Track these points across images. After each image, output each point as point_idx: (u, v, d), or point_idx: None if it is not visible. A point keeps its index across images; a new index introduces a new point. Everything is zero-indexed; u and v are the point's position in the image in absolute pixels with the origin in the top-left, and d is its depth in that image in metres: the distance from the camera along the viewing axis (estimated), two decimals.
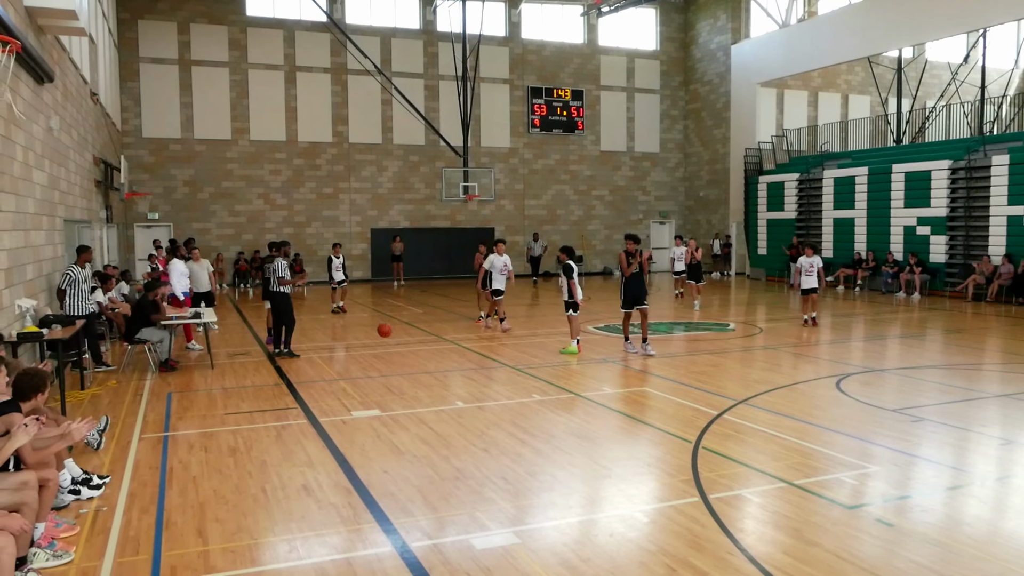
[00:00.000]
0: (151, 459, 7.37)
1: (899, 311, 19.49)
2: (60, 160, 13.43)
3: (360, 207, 30.34)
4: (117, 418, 8.87)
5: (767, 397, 9.76)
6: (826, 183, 27.05)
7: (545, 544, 5.36)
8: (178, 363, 12.20)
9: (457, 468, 6.99)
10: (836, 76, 34.20)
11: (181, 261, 14.89)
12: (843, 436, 7.99)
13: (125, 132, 26.92)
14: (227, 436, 8.17)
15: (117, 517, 5.88)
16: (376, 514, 5.90)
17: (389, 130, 30.46)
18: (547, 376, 11.27)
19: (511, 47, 32.10)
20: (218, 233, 28.21)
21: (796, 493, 6.27)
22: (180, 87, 27.69)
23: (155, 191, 27.38)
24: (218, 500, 6.22)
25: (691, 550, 5.20)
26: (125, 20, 26.71)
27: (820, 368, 11.83)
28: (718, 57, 32.88)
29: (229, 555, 5.20)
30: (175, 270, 14.60)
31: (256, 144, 28.78)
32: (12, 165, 9.78)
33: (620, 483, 6.64)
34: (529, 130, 32.55)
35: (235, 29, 28.25)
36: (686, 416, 8.85)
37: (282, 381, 11.11)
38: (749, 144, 30.82)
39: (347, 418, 8.90)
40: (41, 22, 11.72)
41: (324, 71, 29.45)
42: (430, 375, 11.49)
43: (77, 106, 15.81)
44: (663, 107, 35.03)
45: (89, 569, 5.00)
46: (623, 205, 34.57)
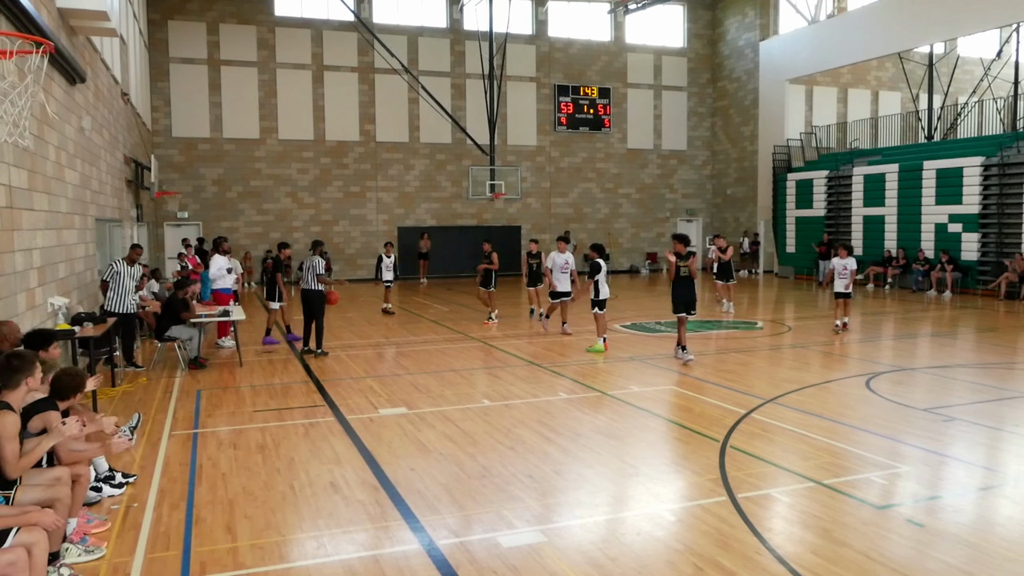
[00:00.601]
0: (181, 456, 7.46)
1: (930, 309, 19.20)
2: (92, 160, 13.62)
3: (387, 205, 30.47)
4: (147, 415, 8.98)
5: (796, 396, 9.66)
6: (856, 180, 26.70)
7: (572, 542, 5.35)
8: (207, 360, 12.33)
9: (483, 466, 7.00)
10: (866, 72, 33.74)
11: (223, 257, 14.88)
12: (873, 435, 7.88)
13: (155, 132, 27.26)
14: (256, 433, 8.25)
15: (148, 513, 5.95)
16: (403, 511, 5.92)
17: (416, 129, 30.56)
18: (573, 374, 11.24)
19: (538, 45, 32.06)
20: (246, 232, 28.49)
21: (825, 493, 6.20)
22: (209, 87, 27.99)
23: (184, 190, 27.72)
24: (247, 497, 6.28)
25: (719, 549, 5.16)
26: (155, 21, 27.05)
27: (849, 367, 11.69)
28: (746, 54, 32.59)
29: (258, 551, 5.25)
30: (215, 265, 14.61)
31: (284, 143, 29.01)
32: (45, 165, 9.94)
33: (647, 482, 6.60)
34: (556, 128, 32.49)
35: (263, 29, 28.50)
36: (714, 415, 8.78)
37: (310, 379, 11.19)
38: (778, 141, 30.52)
39: (374, 416, 8.95)
40: (73, 23, 11.89)
41: (351, 70, 29.61)
42: (456, 373, 11.52)
43: (108, 106, 16.03)
44: (690, 104, 34.80)
45: (120, 564, 5.07)
46: (650, 203, 34.40)
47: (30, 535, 4.29)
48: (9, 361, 5.22)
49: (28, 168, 9.01)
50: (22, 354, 5.36)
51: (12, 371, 5.16)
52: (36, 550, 4.24)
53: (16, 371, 5.16)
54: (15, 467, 4.81)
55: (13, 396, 5.14)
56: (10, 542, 4.22)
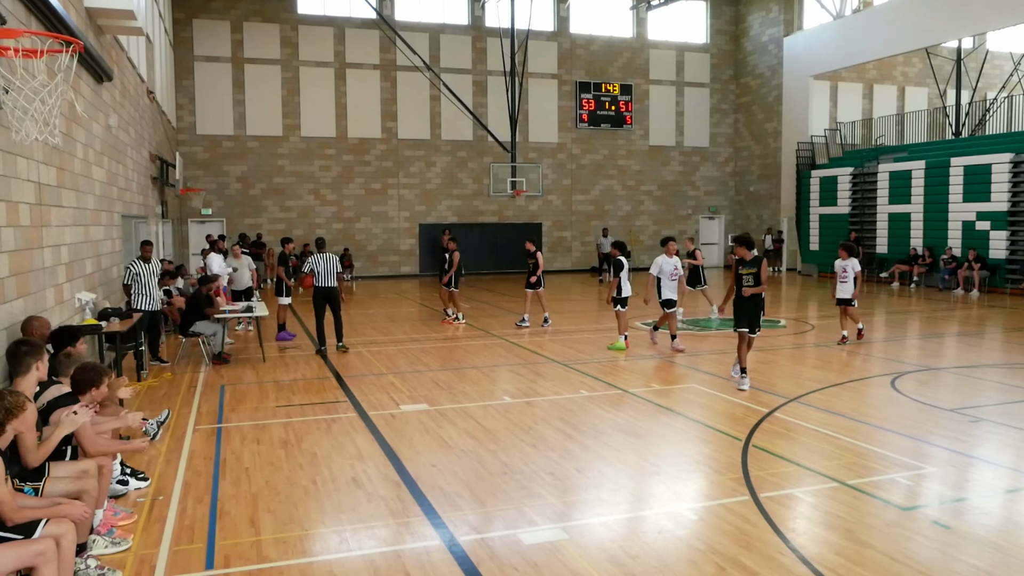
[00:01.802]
0: (205, 450, 7.54)
1: (957, 308, 18.95)
2: (118, 157, 13.78)
3: (408, 202, 30.57)
4: (173, 410, 9.08)
5: (819, 395, 9.58)
6: (881, 177, 26.41)
7: (593, 540, 5.35)
8: (231, 356, 12.44)
9: (504, 463, 7.01)
10: (892, 68, 33.35)
11: (219, 255, 15.26)
12: (898, 436, 7.80)
13: (180, 129, 27.52)
14: (278, 428, 8.31)
15: (173, 506, 6.02)
16: (424, 507, 5.94)
17: (437, 126, 30.62)
18: (595, 372, 11.22)
19: (559, 42, 31.99)
20: (269, 228, 28.68)
21: (849, 493, 6.14)
22: (233, 85, 28.21)
23: (208, 187, 27.97)
24: (270, 491, 6.34)
25: (741, 549, 5.13)
26: (180, 19, 27.30)
27: (874, 366, 11.57)
28: (770, 50, 32.32)
29: (281, 545, 5.29)
30: (212, 264, 14.94)
31: (307, 140, 29.18)
32: (73, 162, 10.07)
33: (669, 480, 6.58)
34: (577, 125, 32.41)
35: (287, 27, 28.67)
36: (736, 413, 8.73)
37: (331, 375, 11.26)
38: (801, 138, 30.25)
39: (396, 412, 8.99)
40: (100, 22, 12.03)
41: (373, 68, 29.71)
42: (477, 370, 11.53)
43: (134, 104, 16.21)
44: (713, 101, 34.57)
45: (146, 556, 5.13)
46: (672, 200, 34.24)
47: (58, 526, 4.36)
48: (18, 347, 5.46)
49: (57, 165, 9.14)
50: (29, 340, 5.63)
51: (22, 356, 5.38)
52: (64, 541, 4.30)
53: (25, 355, 5.38)
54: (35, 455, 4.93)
55: (25, 381, 5.28)
56: (39, 533, 4.28)
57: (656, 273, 13.12)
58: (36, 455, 4.94)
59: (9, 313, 7.08)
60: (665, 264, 13.06)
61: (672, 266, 13.09)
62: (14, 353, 5.41)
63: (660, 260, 13.12)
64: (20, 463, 4.95)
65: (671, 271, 13.10)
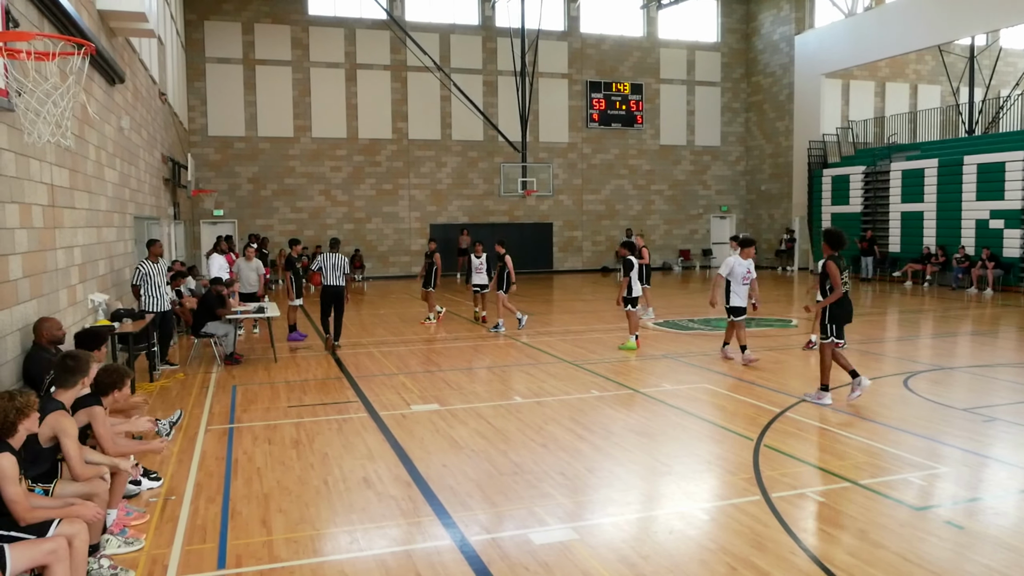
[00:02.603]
0: (217, 450, 7.57)
1: (970, 307, 18.82)
2: (130, 159, 13.86)
3: (419, 203, 30.61)
4: (184, 410, 9.12)
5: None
6: (893, 176, 26.26)
7: (603, 540, 5.33)
8: (243, 356, 12.49)
9: (515, 463, 7.01)
10: (904, 66, 33.16)
11: (220, 255, 15.41)
12: (911, 435, 7.75)
13: (192, 131, 27.66)
14: (290, 428, 8.34)
15: (185, 506, 6.05)
16: (435, 507, 5.95)
17: (448, 126, 30.65)
18: (606, 372, 11.20)
19: (570, 41, 31.96)
20: (280, 229, 28.78)
21: (861, 493, 6.11)
22: (244, 86, 28.33)
23: (220, 188, 28.10)
24: (281, 491, 6.36)
25: (753, 549, 5.11)
26: (192, 21, 27.43)
27: (887, 366, 11.50)
28: (781, 48, 32.19)
29: (292, 545, 5.31)
30: (213, 264, 15.05)
31: (318, 141, 29.27)
32: (86, 164, 10.13)
33: (680, 480, 6.56)
34: (588, 125, 32.38)
35: (297, 28, 28.77)
36: (747, 413, 8.70)
37: (343, 375, 11.28)
38: (813, 136, 30.11)
39: (406, 412, 9.00)
40: (113, 25, 12.11)
41: (384, 68, 29.77)
42: (488, 370, 11.53)
43: (147, 106, 16.30)
44: (724, 100, 34.47)
45: (159, 556, 5.16)
46: (683, 200, 34.15)
47: (71, 526, 4.38)
48: (64, 361, 5.40)
49: (69, 167, 9.20)
50: (78, 355, 5.51)
51: (68, 371, 5.35)
52: (77, 541, 4.33)
53: (72, 371, 5.35)
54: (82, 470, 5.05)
55: (67, 394, 5.30)
56: (52, 533, 4.31)
57: (726, 274, 11.71)
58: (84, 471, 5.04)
59: (23, 314, 7.14)
60: (738, 266, 11.65)
61: (745, 269, 11.69)
62: (62, 366, 5.38)
63: (732, 261, 11.68)
64: (31, 463, 5.00)
65: (743, 274, 11.69)
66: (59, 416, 5.08)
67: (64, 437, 5.00)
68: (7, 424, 4.45)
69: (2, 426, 4.44)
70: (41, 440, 5.03)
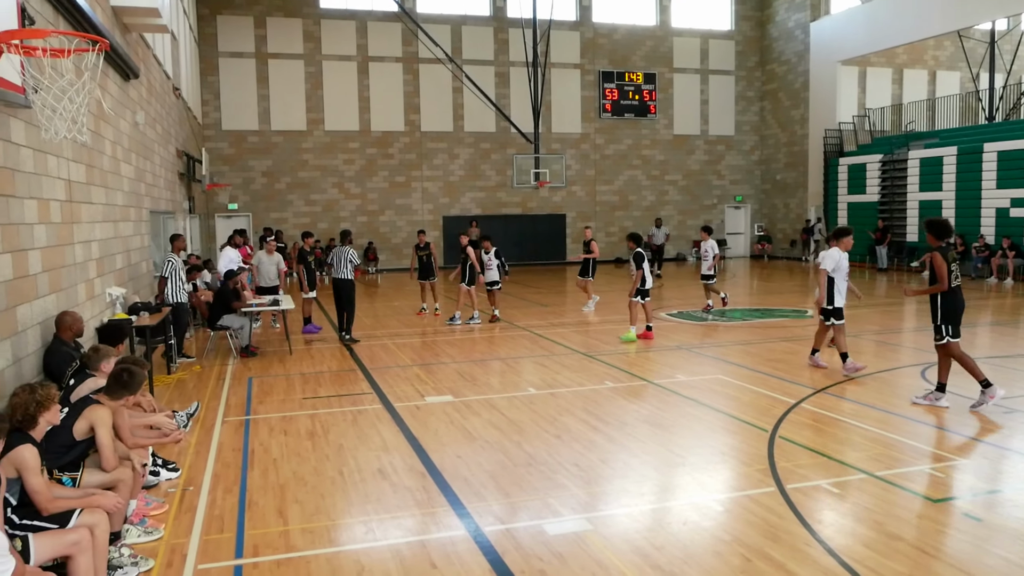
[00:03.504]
0: (234, 441, 7.63)
1: (990, 297, 18.64)
2: (146, 153, 13.95)
3: (432, 195, 30.63)
4: (201, 402, 9.20)
5: (847, 385, 9.49)
6: (911, 164, 26.02)
7: (618, 531, 5.35)
8: (258, 349, 12.57)
9: (529, 454, 7.02)
10: (923, 52, 32.79)
11: (233, 249, 15.45)
12: (928, 427, 7.71)
13: (206, 125, 27.78)
14: (305, 420, 8.39)
15: (203, 496, 6.11)
16: (449, 498, 5.98)
17: (460, 118, 30.62)
18: (619, 363, 11.20)
19: (582, 31, 31.82)
20: (294, 222, 28.88)
21: (878, 485, 6.08)
22: (257, 80, 28.40)
23: (234, 182, 28.22)
24: (297, 482, 6.41)
25: (767, 540, 5.10)
26: (204, 16, 27.51)
27: (903, 356, 11.43)
28: (796, 35, 31.92)
29: (308, 535, 5.35)
30: (223, 257, 15.09)
31: (330, 134, 29.33)
32: (102, 159, 10.21)
33: (694, 471, 6.56)
34: (600, 115, 32.25)
35: (309, 22, 28.80)
36: (762, 404, 8.67)
37: (357, 367, 11.33)
38: (829, 125, 29.86)
39: (420, 403, 9.03)
40: (126, 20, 12.17)
41: (396, 61, 29.76)
42: (502, 361, 11.55)
43: (161, 101, 16.39)
44: (738, 89, 34.23)
45: (177, 545, 5.21)
46: (697, 190, 33.99)
47: (92, 516, 4.45)
48: (119, 376, 5.42)
49: (86, 163, 9.27)
50: (134, 373, 5.50)
51: (122, 385, 5.41)
52: (98, 531, 4.39)
53: (125, 386, 5.42)
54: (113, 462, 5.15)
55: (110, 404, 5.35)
56: (73, 523, 4.38)
57: (831, 269, 10.38)
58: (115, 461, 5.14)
59: (42, 308, 7.21)
60: (843, 260, 10.43)
61: (847, 263, 10.52)
62: (117, 378, 5.43)
63: (835, 254, 10.41)
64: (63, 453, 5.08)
65: (847, 268, 10.53)
66: (95, 408, 5.18)
67: (100, 427, 5.10)
68: (28, 417, 4.51)
69: (24, 419, 4.50)
70: (77, 433, 5.11)
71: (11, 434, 4.32)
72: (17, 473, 4.37)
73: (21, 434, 4.45)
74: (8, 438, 4.24)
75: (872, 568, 4.68)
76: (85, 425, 5.12)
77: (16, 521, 4.33)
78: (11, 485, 4.37)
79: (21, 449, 4.36)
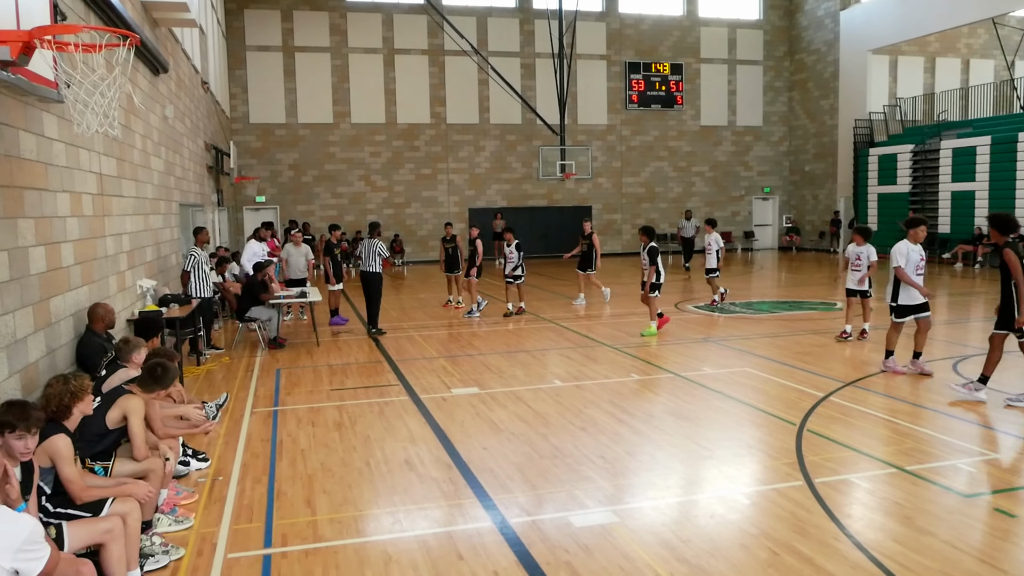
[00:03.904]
0: (262, 432, 7.71)
1: None
2: (175, 147, 14.10)
3: (458, 187, 30.67)
4: (230, 393, 9.30)
5: (877, 379, 9.38)
6: (943, 154, 25.59)
7: (644, 523, 5.33)
8: (286, 340, 12.68)
9: (555, 446, 7.03)
10: (956, 40, 32.18)
11: (258, 242, 15.41)
12: (960, 421, 7.60)
13: (233, 118, 28.02)
14: (332, 411, 8.46)
15: (232, 486, 6.18)
16: (476, 490, 6.00)
17: (486, 110, 30.60)
18: (646, 355, 11.15)
19: (608, 22, 31.63)
20: (321, 215, 29.08)
21: (908, 479, 6.01)
22: (284, 73, 28.58)
23: (262, 175, 28.45)
24: (325, 472, 6.46)
25: (795, 534, 5.06)
26: (232, 10, 27.72)
27: (935, 349, 11.26)
28: (826, 24, 31.48)
29: (336, 525, 5.40)
30: (249, 251, 15.07)
31: (357, 127, 29.45)
32: (132, 153, 10.34)
33: (721, 464, 6.52)
34: (627, 106, 32.07)
35: (335, 15, 28.90)
36: (790, 397, 8.60)
37: (384, 358, 11.40)
38: (859, 115, 29.45)
39: (447, 395, 9.07)
40: (156, 15, 12.30)
41: (422, 53, 29.79)
42: (528, 353, 11.55)
43: (189, 95, 16.54)
44: (766, 79, 33.85)
45: (207, 535, 5.28)
46: (724, 181, 33.70)
47: (124, 505, 4.52)
48: (153, 370, 5.52)
49: (117, 156, 9.39)
50: (168, 368, 5.59)
51: (155, 380, 5.52)
52: (130, 519, 4.46)
53: (158, 381, 5.52)
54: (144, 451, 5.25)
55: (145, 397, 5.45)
56: (106, 511, 4.45)
57: (903, 264, 9.68)
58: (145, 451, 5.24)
59: (75, 300, 7.33)
60: (912, 253, 9.71)
61: (919, 255, 9.78)
62: (151, 373, 5.53)
63: (904, 248, 9.73)
64: (95, 442, 5.17)
65: (918, 262, 9.76)
66: (129, 398, 5.27)
67: (132, 416, 5.19)
68: (63, 407, 4.59)
69: (58, 409, 4.58)
70: (110, 423, 5.20)
71: (45, 424, 4.39)
72: (51, 462, 4.45)
73: (55, 424, 4.53)
74: (42, 428, 4.31)
75: (902, 563, 4.62)
76: (118, 414, 5.20)
77: (50, 509, 4.41)
78: (45, 474, 4.45)
79: (55, 439, 4.44)
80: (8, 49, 4.72)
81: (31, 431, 4.01)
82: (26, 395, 5.71)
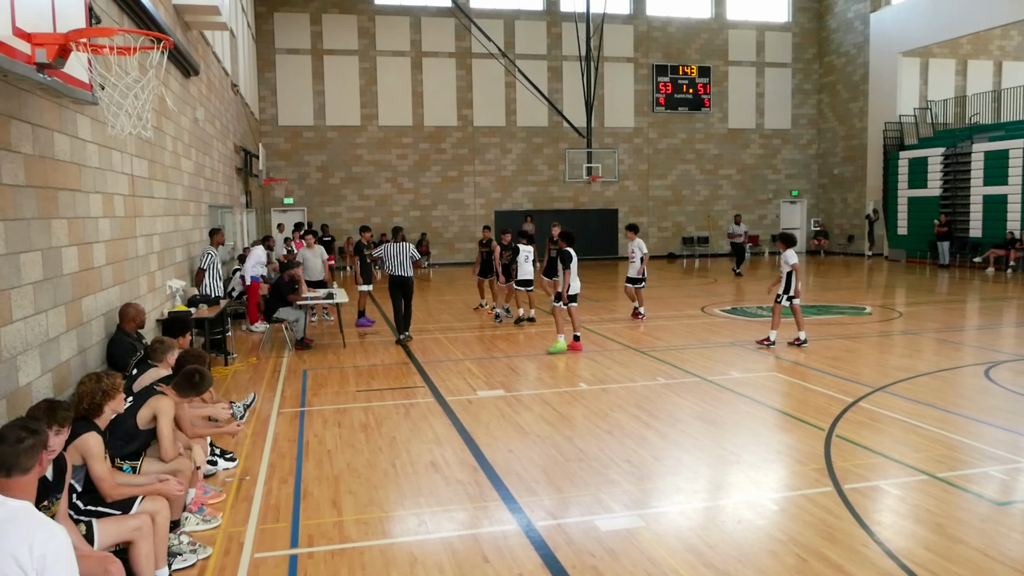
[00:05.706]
0: (289, 432, 7.77)
1: None
2: (205, 149, 14.26)
3: (484, 190, 30.71)
4: (258, 394, 9.38)
5: (907, 385, 9.24)
6: (975, 158, 25.18)
7: (670, 528, 5.30)
8: (313, 342, 12.76)
9: (581, 449, 7.00)
10: (988, 42, 31.67)
11: (262, 249, 15.04)
12: (992, 428, 7.46)
13: (263, 121, 28.29)
14: (359, 412, 8.50)
15: (259, 486, 6.23)
16: (501, 492, 5.99)
17: (513, 112, 30.63)
18: (672, 359, 11.09)
19: (635, 24, 31.53)
20: (348, 217, 29.26)
21: (939, 486, 5.91)
22: (313, 76, 28.80)
23: (290, 177, 28.69)
24: (351, 473, 6.49)
25: (823, 541, 5.00)
26: (262, 13, 28.00)
27: (966, 355, 11.09)
28: (855, 26, 31.13)
29: (362, 526, 5.42)
30: (252, 257, 14.48)
31: (384, 129, 29.60)
32: (163, 154, 10.47)
33: (748, 469, 6.46)
34: (654, 109, 31.93)
35: (364, 18, 29.09)
36: (818, 403, 8.50)
37: (409, 360, 11.43)
38: (889, 118, 29.07)
39: (472, 397, 9.07)
40: (188, 19, 12.46)
41: (449, 56, 29.89)
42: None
43: (220, 97, 16.73)
44: (795, 81, 33.54)
45: (235, 534, 5.33)
46: (752, 184, 33.42)
47: (154, 503, 4.57)
48: (191, 377, 5.50)
49: (148, 158, 9.52)
50: (204, 376, 5.59)
51: (191, 387, 5.50)
52: (159, 518, 4.50)
53: (195, 387, 5.51)
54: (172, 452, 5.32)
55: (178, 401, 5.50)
56: (135, 509, 4.50)
57: None
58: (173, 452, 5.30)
59: (106, 300, 7.43)
60: None
61: None
62: (188, 379, 5.52)
63: None
64: (126, 442, 5.24)
65: None
66: (159, 399, 5.34)
67: (162, 416, 5.25)
68: (94, 405, 4.65)
69: (90, 407, 4.64)
70: (140, 422, 5.27)
71: (77, 422, 4.44)
72: (82, 460, 4.51)
73: (86, 422, 4.59)
74: (74, 426, 4.37)
75: (933, 572, 4.55)
76: (148, 413, 5.27)
77: (81, 507, 4.46)
78: (76, 472, 4.50)
79: (86, 437, 4.50)
80: (44, 51, 4.80)
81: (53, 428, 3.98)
82: (57, 393, 5.81)
